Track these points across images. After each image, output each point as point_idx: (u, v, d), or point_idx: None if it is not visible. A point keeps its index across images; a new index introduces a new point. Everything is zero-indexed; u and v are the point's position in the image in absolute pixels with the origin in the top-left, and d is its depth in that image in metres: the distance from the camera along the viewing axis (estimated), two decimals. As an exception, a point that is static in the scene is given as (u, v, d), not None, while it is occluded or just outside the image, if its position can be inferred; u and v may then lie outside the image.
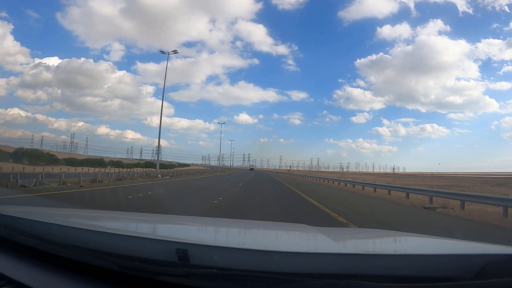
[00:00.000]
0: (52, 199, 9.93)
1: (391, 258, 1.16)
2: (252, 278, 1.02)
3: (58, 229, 1.38)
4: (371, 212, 10.32)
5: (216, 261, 1.06)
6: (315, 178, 44.63)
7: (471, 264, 1.03)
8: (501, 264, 1.05)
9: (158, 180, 26.00)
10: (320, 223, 6.37)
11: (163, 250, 1.12)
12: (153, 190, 14.80)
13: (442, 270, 1.01)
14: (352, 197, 16.48)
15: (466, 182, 50.26)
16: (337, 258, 1.12)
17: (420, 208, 11.65)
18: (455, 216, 9.76)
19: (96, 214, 2.50)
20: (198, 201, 11.38)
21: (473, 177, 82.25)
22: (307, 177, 51.04)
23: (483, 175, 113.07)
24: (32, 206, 3.45)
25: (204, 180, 28.84)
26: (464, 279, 1.00)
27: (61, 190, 13.19)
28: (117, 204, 9.84)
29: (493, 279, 1.01)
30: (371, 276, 0.99)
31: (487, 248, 1.40)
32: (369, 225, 7.25)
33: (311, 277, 1.01)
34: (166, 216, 3.52)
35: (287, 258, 1.09)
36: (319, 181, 38.43)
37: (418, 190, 14.90)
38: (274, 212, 9.40)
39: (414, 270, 1.02)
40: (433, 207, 11.39)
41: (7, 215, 1.55)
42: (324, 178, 39.41)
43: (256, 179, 35.90)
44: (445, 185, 33.27)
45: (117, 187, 16.35)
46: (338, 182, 30.32)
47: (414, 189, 15.35)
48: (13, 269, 1.22)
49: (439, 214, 10.24)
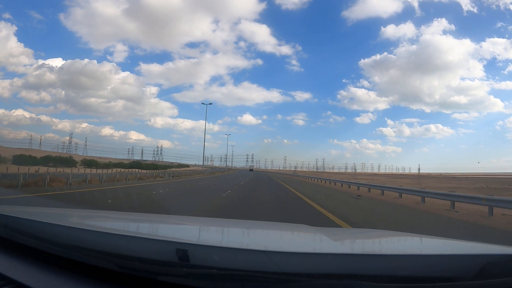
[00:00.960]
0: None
1: (391, 258, 1.16)
2: (252, 278, 1.02)
3: (58, 229, 1.38)
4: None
5: (216, 261, 1.06)
6: (325, 180, 36.08)
7: (471, 264, 1.03)
8: (501, 264, 1.05)
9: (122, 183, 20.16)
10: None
11: (163, 250, 1.12)
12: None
13: (442, 270, 1.01)
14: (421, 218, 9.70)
15: (496, 183, 44.18)
16: (337, 258, 1.12)
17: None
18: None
19: (96, 214, 2.50)
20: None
21: (490, 178, 77.16)
22: (315, 179, 42.07)
23: (496, 175, 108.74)
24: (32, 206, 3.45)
25: (189, 183, 24.01)
26: (464, 279, 1.00)
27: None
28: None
29: (493, 279, 1.01)
30: (371, 276, 0.99)
31: (487, 248, 1.40)
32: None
33: (311, 277, 1.01)
34: (166, 216, 3.53)
35: (287, 258, 1.09)
36: (332, 184, 29.77)
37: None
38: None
39: (414, 270, 1.03)
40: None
41: (7, 215, 1.55)
42: (336, 181, 30.52)
43: (254, 182, 29.13)
44: (491, 188, 29.50)
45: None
46: (357, 187, 21.81)
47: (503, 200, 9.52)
48: (13, 269, 1.22)
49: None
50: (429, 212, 10.62)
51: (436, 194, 12.72)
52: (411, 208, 11.89)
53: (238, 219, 4.42)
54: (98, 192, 13.35)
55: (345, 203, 13.45)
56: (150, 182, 23.64)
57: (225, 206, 10.40)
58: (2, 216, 1.52)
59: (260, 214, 8.63)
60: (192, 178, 35.10)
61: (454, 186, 31.41)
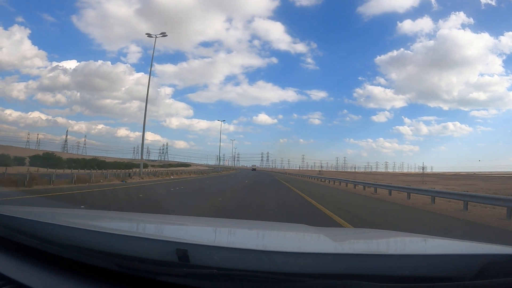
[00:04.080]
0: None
1: (391, 258, 1.16)
2: (252, 278, 1.02)
3: (58, 229, 1.38)
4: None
5: (216, 261, 1.06)
6: (374, 187, 19.38)
7: (471, 264, 1.03)
8: (501, 264, 1.05)
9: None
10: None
11: (163, 250, 1.12)
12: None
13: (442, 270, 1.01)
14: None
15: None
16: (337, 258, 1.12)
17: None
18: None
19: (96, 214, 2.50)
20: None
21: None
22: (372, 186, 20.21)
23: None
24: (32, 206, 3.46)
25: (173, 184, 19.35)
26: (464, 279, 1.00)
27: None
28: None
29: (493, 279, 1.01)
30: (371, 276, 0.99)
31: (487, 248, 1.40)
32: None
33: (311, 277, 1.01)
34: (166, 216, 3.53)
35: (287, 258, 1.09)
36: (402, 195, 15.48)
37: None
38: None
39: (414, 270, 1.03)
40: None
41: (7, 215, 1.55)
42: (388, 187, 17.76)
43: (251, 190, 18.33)
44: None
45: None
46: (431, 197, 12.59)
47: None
48: (13, 269, 1.22)
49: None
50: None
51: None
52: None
53: (238, 219, 4.42)
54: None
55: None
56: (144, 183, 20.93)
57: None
58: (2, 216, 1.52)
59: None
60: (176, 178, 30.35)
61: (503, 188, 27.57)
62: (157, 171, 38.95)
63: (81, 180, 18.16)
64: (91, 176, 20.00)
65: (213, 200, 11.93)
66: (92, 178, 19.68)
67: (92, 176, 20.25)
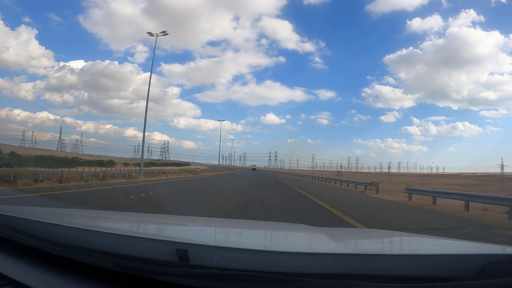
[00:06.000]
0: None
1: (391, 258, 1.16)
2: (252, 278, 1.02)
3: (58, 229, 1.38)
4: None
5: (216, 261, 1.06)
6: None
7: (471, 264, 1.03)
8: (501, 264, 1.06)
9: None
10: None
11: (163, 250, 1.12)
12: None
13: (442, 270, 1.01)
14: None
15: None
16: (337, 258, 1.12)
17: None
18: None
19: (96, 214, 2.50)
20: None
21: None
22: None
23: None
24: (32, 206, 3.45)
25: (155, 187, 16.00)
26: (464, 279, 1.00)
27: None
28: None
29: (493, 279, 1.01)
30: (371, 276, 1.00)
31: (487, 248, 1.41)
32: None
33: (311, 277, 1.01)
34: (166, 216, 3.53)
35: (287, 258, 1.09)
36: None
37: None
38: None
39: (414, 270, 1.03)
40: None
41: (7, 215, 1.55)
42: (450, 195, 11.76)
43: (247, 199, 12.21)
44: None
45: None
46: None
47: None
48: (13, 269, 1.22)
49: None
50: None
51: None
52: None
53: (236, 219, 4.42)
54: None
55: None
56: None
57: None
58: (2, 216, 1.52)
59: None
60: (165, 178, 26.97)
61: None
62: (146, 171, 33.88)
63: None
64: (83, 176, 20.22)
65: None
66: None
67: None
